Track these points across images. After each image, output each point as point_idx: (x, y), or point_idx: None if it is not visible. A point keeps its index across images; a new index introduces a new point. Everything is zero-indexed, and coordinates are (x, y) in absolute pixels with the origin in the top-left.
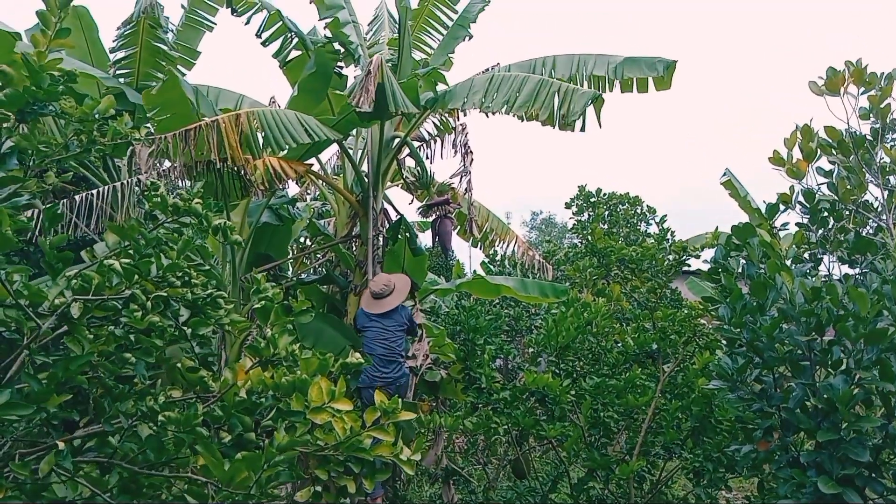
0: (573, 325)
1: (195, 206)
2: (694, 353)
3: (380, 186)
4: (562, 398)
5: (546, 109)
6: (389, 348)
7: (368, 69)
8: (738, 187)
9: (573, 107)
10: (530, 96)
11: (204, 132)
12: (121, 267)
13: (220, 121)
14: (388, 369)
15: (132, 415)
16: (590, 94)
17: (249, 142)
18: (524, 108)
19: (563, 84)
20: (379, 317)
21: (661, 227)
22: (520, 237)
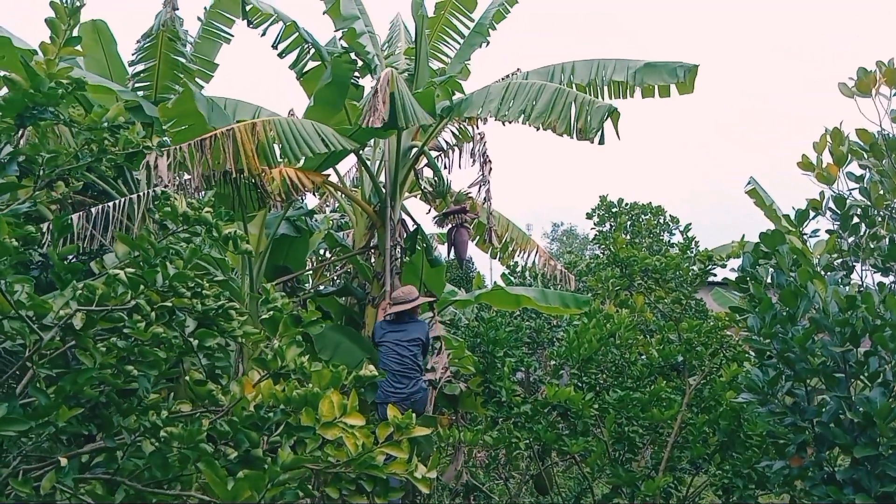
0: (596, 337)
1: (205, 216)
2: (721, 366)
3: (397, 197)
4: (585, 412)
5: (563, 121)
6: (403, 363)
7: (376, 88)
8: (764, 196)
9: (590, 121)
10: (547, 107)
11: (219, 141)
12: (126, 277)
13: (235, 130)
14: (402, 384)
15: (134, 430)
16: (606, 108)
17: (265, 151)
18: (540, 119)
19: (579, 95)
20: (392, 329)
21: (686, 236)
22: (541, 247)
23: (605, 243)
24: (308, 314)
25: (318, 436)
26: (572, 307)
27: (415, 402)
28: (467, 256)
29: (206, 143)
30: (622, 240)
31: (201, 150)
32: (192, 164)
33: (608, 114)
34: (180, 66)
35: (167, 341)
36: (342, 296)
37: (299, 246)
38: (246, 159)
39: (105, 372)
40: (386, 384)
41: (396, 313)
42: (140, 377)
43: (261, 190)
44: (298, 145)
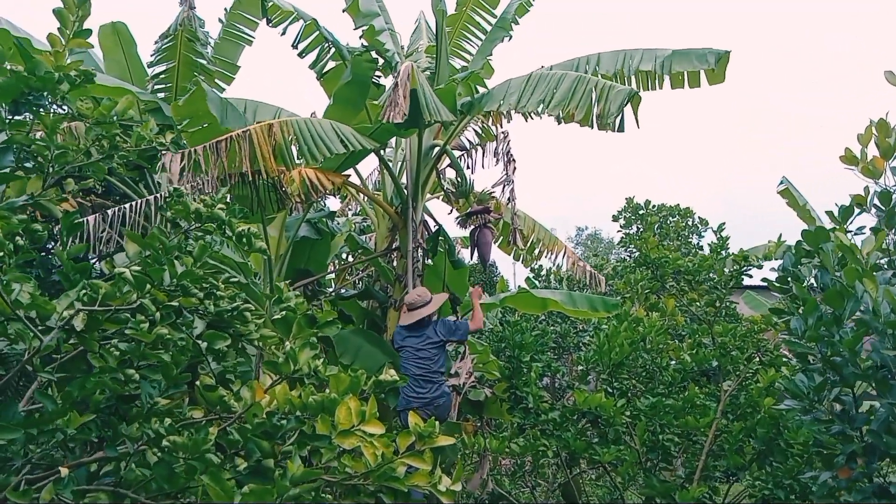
0: (626, 341)
1: (217, 212)
2: (757, 371)
3: (419, 197)
4: (616, 419)
5: (582, 109)
6: (425, 367)
7: (396, 81)
8: (797, 196)
9: (609, 106)
10: (566, 95)
11: (235, 143)
12: (131, 275)
13: (251, 131)
14: (424, 389)
15: (137, 439)
16: (626, 92)
17: (283, 153)
18: (560, 108)
19: (599, 81)
20: (411, 333)
21: (719, 236)
22: (569, 248)
23: (638, 243)
24: (323, 315)
25: (334, 445)
26: (601, 310)
27: (438, 408)
28: (491, 258)
29: (222, 146)
30: (653, 240)
31: (216, 153)
32: (207, 167)
33: (628, 98)
34: (200, 66)
35: (173, 343)
36: (364, 299)
37: (320, 248)
38: (263, 161)
39: (105, 377)
40: (408, 389)
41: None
42: (143, 382)
43: (280, 191)
44: (317, 146)
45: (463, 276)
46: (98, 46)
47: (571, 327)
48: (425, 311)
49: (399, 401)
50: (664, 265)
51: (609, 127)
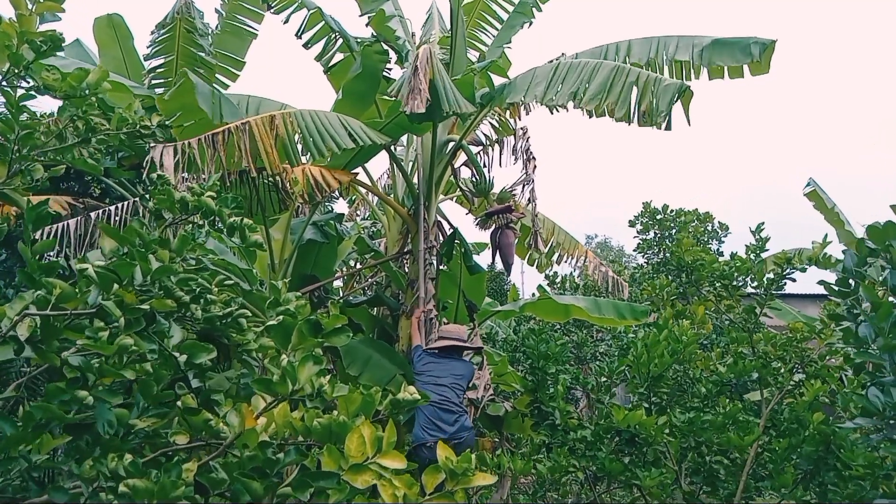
0: (668, 351)
1: (206, 201)
2: (801, 383)
3: (433, 197)
4: (657, 438)
5: (623, 104)
6: (445, 397)
7: (415, 65)
8: (825, 198)
9: (657, 104)
10: (602, 87)
11: (234, 136)
12: (94, 272)
13: (251, 124)
14: (442, 421)
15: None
16: (676, 87)
17: (287, 147)
18: (595, 102)
19: (642, 72)
20: (436, 360)
21: (758, 237)
22: (590, 252)
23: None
24: (330, 320)
25: (344, 485)
26: (629, 318)
27: (458, 445)
28: (513, 261)
29: (219, 138)
30: (688, 241)
31: (213, 146)
32: (204, 162)
33: (679, 94)
34: (200, 60)
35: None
36: (374, 306)
37: (327, 253)
38: (265, 156)
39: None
40: (424, 421)
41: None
42: (101, 406)
43: (282, 191)
44: (323, 140)
45: (480, 281)
46: (93, 40)
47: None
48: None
49: (413, 435)
50: (699, 268)
51: (655, 125)
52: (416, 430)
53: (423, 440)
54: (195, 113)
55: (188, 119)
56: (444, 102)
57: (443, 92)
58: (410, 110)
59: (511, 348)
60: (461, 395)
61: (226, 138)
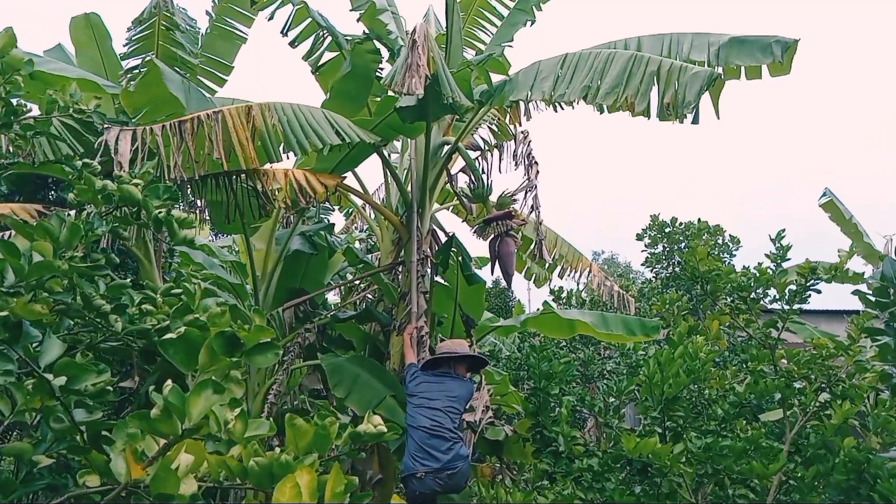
0: (683, 370)
1: (128, 190)
2: (827, 404)
3: (426, 204)
4: (673, 468)
5: (643, 96)
6: (438, 421)
7: (413, 39)
8: (843, 209)
9: (684, 94)
10: (619, 79)
11: (204, 126)
12: None
13: (225, 113)
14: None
15: None
16: (705, 76)
17: (266, 142)
18: (612, 97)
19: (664, 61)
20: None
21: (779, 245)
22: (595, 266)
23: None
24: (251, 334)
25: None
26: (639, 334)
27: (453, 475)
28: (514, 271)
29: (187, 127)
30: (703, 250)
31: (179, 135)
32: (169, 154)
33: (709, 83)
34: (180, 60)
35: None
36: (365, 321)
37: (316, 265)
38: (240, 150)
39: None
40: (414, 448)
41: (436, 361)
42: None
43: (262, 195)
44: (306, 135)
45: (479, 294)
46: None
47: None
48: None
49: (403, 463)
50: (715, 279)
51: (679, 118)
52: (405, 459)
53: (412, 470)
54: (165, 107)
55: (158, 115)
56: (445, 86)
57: (443, 75)
58: (407, 90)
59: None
60: (457, 420)
61: (195, 128)
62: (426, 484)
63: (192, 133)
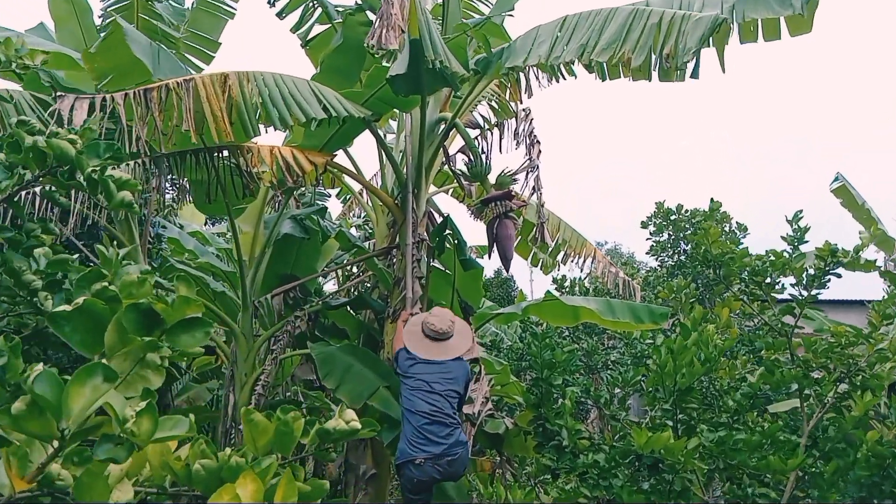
0: (698, 359)
1: (58, 145)
2: (847, 395)
3: (422, 184)
4: (686, 464)
5: (641, 50)
6: (437, 406)
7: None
8: (855, 194)
9: (683, 42)
10: (618, 35)
11: (173, 94)
12: None
13: (197, 81)
14: (434, 435)
15: None
16: (709, 21)
17: (243, 115)
18: (608, 52)
19: (666, 13)
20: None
21: (797, 227)
22: (599, 252)
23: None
24: (174, 309)
25: None
26: (647, 321)
27: (452, 462)
28: (512, 255)
29: (153, 95)
30: (716, 231)
31: (145, 104)
32: (131, 120)
33: (712, 28)
34: (161, 33)
35: None
36: (357, 309)
37: (308, 250)
38: (213, 122)
39: None
40: (412, 433)
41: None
42: None
43: (246, 173)
44: (289, 108)
45: (476, 279)
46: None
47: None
48: (461, 346)
49: (399, 450)
50: (729, 263)
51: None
52: (401, 444)
53: (410, 457)
54: (134, 74)
55: (126, 84)
56: (429, 49)
57: (427, 36)
58: (378, 44)
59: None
60: (455, 404)
61: (163, 97)
62: (425, 471)
63: (160, 103)
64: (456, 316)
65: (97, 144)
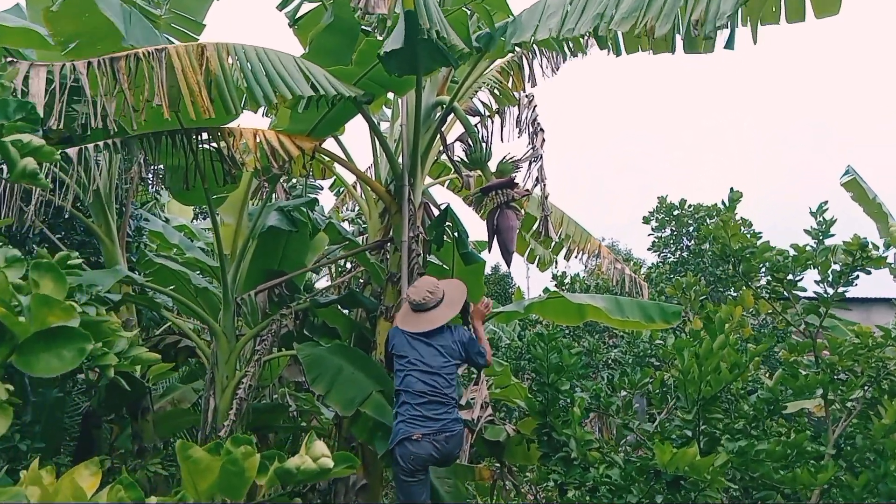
0: (726, 364)
1: None
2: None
3: (418, 173)
4: (713, 482)
5: (667, 17)
6: (434, 384)
7: None
8: (866, 188)
9: (718, 5)
10: (639, 2)
11: (143, 64)
12: None
13: (171, 51)
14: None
15: None
16: None
17: (223, 91)
18: (629, 22)
19: None
20: (417, 338)
21: (822, 219)
22: (604, 247)
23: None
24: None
25: None
26: (658, 320)
27: (450, 438)
28: (514, 248)
29: (121, 65)
30: (736, 225)
31: (112, 74)
32: (97, 97)
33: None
34: (139, 8)
35: None
36: (349, 307)
37: (295, 244)
38: (189, 97)
39: None
40: (409, 413)
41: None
42: None
43: (228, 158)
44: (273, 83)
45: (477, 274)
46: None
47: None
48: (443, 315)
49: (394, 429)
50: (748, 259)
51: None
52: (398, 425)
53: (407, 433)
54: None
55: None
56: (423, 16)
57: (421, 3)
58: (365, 8)
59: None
60: (453, 379)
61: (133, 68)
62: (423, 446)
63: (129, 74)
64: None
65: (5, 101)
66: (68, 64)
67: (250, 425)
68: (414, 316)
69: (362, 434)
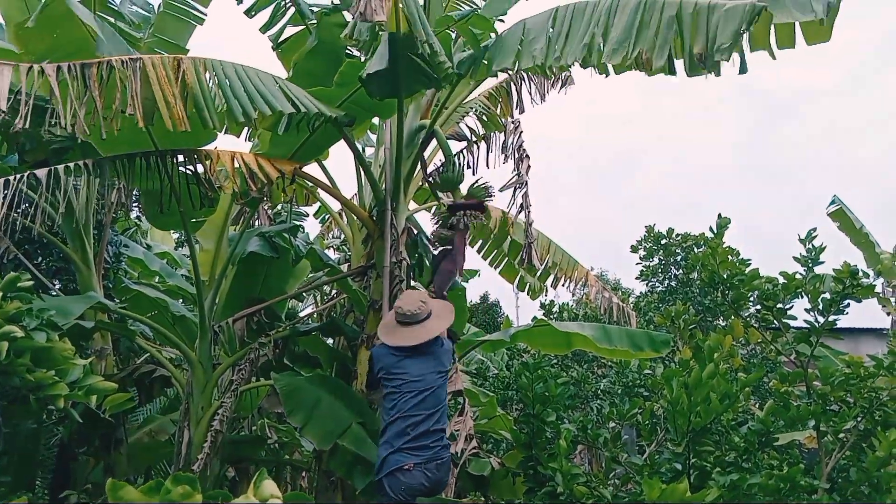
0: (717, 395)
1: None
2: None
3: (401, 198)
4: None
5: (662, 49)
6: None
7: None
8: (853, 218)
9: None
10: (628, 32)
11: (117, 73)
12: None
13: (146, 61)
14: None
15: None
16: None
17: (200, 106)
18: (621, 53)
19: (684, 2)
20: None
21: (811, 247)
22: (592, 275)
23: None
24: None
25: None
26: (647, 349)
27: (440, 466)
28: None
29: (93, 72)
30: (724, 251)
31: (82, 80)
32: (65, 103)
33: (750, 20)
34: (121, 33)
35: None
36: (330, 335)
37: (278, 270)
38: (165, 108)
39: None
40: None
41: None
42: None
43: (204, 180)
44: (252, 99)
45: (459, 301)
46: None
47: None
48: (437, 326)
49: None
50: (737, 287)
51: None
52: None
53: (398, 463)
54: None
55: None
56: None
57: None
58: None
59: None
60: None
61: (105, 75)
62: (414, 476)
63: (99, 81)
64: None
65: None
66: (36, 67)
67: (228, 458)
68: (403, 329)
69: (340, 469)
